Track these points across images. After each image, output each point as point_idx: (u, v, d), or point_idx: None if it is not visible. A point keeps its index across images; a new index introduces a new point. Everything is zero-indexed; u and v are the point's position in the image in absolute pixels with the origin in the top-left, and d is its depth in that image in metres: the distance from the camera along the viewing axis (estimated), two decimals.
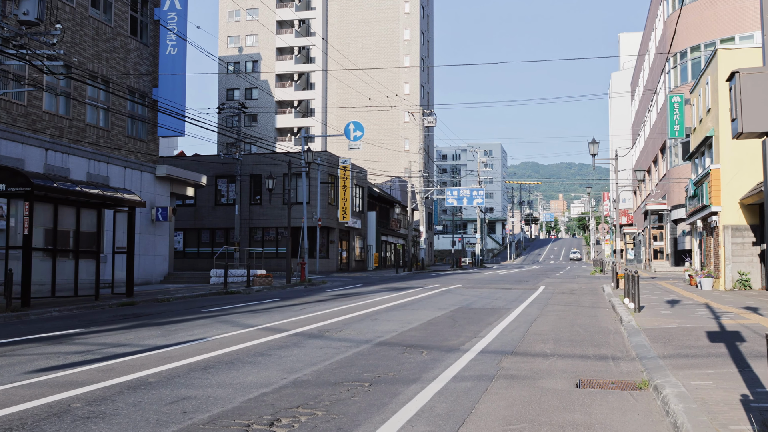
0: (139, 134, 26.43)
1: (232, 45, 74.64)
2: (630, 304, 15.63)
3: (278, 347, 9.82)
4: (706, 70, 24.24)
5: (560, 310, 15.92)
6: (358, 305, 17.34)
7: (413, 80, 71.67)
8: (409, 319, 13.72)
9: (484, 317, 14.21)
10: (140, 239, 26.11)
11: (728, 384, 6.62)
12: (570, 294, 21.93)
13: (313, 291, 24.13)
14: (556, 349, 9.64)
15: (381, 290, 23.95)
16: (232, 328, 12.32)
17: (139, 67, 26.23)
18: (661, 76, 43.43)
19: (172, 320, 13.86)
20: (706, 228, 24.52)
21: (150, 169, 26.74)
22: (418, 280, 32.93)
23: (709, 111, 23.62)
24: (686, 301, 17.33)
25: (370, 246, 50.00)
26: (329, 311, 15.61)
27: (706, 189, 22.82)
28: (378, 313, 15.20)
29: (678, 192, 39.25)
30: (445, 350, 9.56)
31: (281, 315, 14.77)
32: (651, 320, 12.57)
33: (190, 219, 43.92)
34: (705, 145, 24.31)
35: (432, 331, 11.86)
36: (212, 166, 42.91)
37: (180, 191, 28.88)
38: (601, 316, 14.74)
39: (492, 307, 16.93)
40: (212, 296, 21.79)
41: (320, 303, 18.25)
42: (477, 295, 21.44)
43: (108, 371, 7.88)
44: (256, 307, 17.00)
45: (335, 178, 43.34)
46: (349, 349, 9.67)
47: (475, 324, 12.90)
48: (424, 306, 17.02)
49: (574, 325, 12.69)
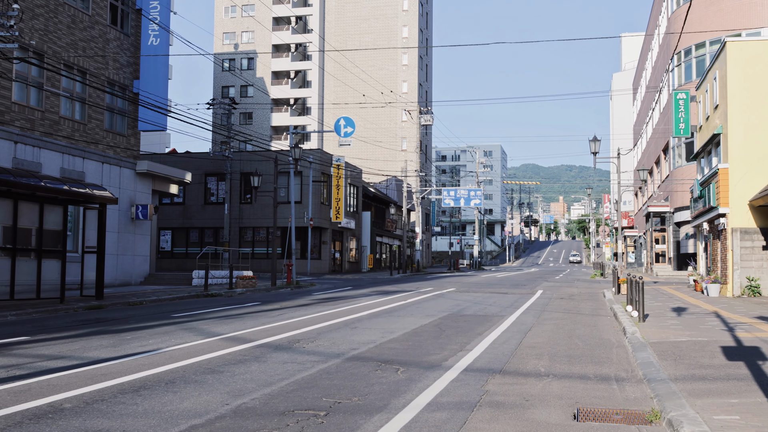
0: (118, 128, 25.23)
1: (227, 42, 73.43)
2: (633, 313, 14.44)
3: (235, 362, 8.62)
4: (714, 65, 23.05)
5: (558, 318, 14.73)
6: (341, 311, 16.15)
7: (411, 79, 70.48)
8: (392, 328, 12.53)
9: (474, 326, 13.01)
10: (119, 238, 24.92)
11: (761, 420, 5.41)
12: (569, 300, 20.74)
13: (299, 294, 22.94)
14: (551, 367, 8.44)
15: (370, 294, 22.76)
16: (194, 337, 11.13)
17: (119, 58, 25.04)
18: (665, 74, 42.25)
19: (133, 327, 12.67)
20: (713, 231, 23.31)
21: (130, 164, 25.54)
22: (412, 283, 31.73)
23: (717, 107, 22.43)
24: (693, 309, 16.14)
25: (365, 247, 48.73)
26: (308, 317, 14.43)
27: (713, 190, 21.62)
28: (360, 320, 14.00)
29: (681, 193, 38.05)
30: (425, 367, 8.37)
31: (255, 321, 13.58)
32: (657, 332, 11.38)
33: (178, 218, 42.70)
34: (712, 144, 23.11)
35: (414, 342, 10.67)
36: (202, 164, 41.69)
37: (163, 188, 27.67)
38: (602, 325, 13.55)
39: (484, 314, 15.73)
40: (190, 299, 20.59)
41: (301, 308, 17.07)
42: (470, 300, 20.24)
43: (21, 393, 6.68)
44: (231, 312, 15.81)
45: (328, 177, 42.08)
46: (315, 365, 8.48)
47: (463, 334, 11.71)
48: (412, 312, 15.83)
49: (572, 337, 11.49)
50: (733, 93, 20.89)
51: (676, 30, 39.70)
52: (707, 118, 24.27)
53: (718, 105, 22.32)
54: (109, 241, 24.35)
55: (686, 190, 36.99)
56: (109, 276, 24.36)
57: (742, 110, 20.73)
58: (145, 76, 25.72)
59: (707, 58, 36.14)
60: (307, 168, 39.88)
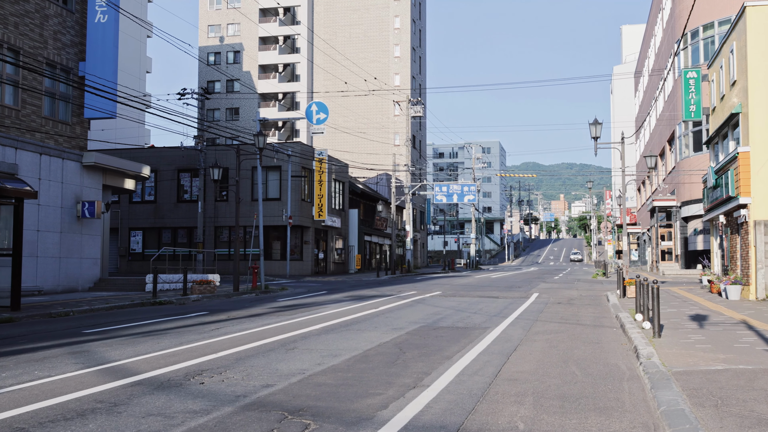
0: (61, 115, 22.51)
1: (212, 34, 70.63)
2: (645, 324, 11.72)
3: (74, 415, 5.91)
4: (731, 36, 20.31)
5: (552, 332, 12.00)
6: (292, 323, 13.44)
7: (404, 71, 67.70)
8: (340, 349, 9.82)
9: (445, 345, 10.30)
10: (62, 239, 22.21)
11: None
12: (567, 305, 18.01)
13: (261, 301, 20.22)
14: (534, 421, 5.73)
15: (342, 300, 20.04)
16: (71, 366, 8.43)
17: (60, 37, 22.32)
18: (670, 59, 39.47)
19: (12, 350, 9.97)
20: (731, 224, 20.57)
21: (75, 156, 22.82)
22: (396, 285, 28.99)
23: (735, 84, 19.69)
24: (716, 317, 13.42)
25: (352, 247, 45.91)
26: (244, 333, 11.72)
27: (732, 177, 18.88)
28: (306, 337, 11.28)
29: (689, 186, 35.31)
30: (348, 423, 5.65)
31: (174, 340, 10.87)
32: (681, 354, 8.66)
33: (150, 217, 39.92)
34: (729, 126, 20.37)
35: (356, 373, 7.95)
36: (174, 159, 38.93)
37: (116, 184, 24.94)
38: (608, 341, 10.82)
39: (464, 325, 13.02)
40: (131, 308, 17.88)
41: (249, 319, 14.35)
42: (453, 306, 17.51)
43: None
44: (159, 327, 13.09)
45: (310, 172, 39.27)
46: (189, 419, 5.78)
47: (426, 358, 8.99)
48: (377, 325, 13.10)
49: (568, 361, 8.77)
50: (755, 65, 18.16)
51: (681, 11, 36.95)
52: (722, 97, 21.53)
53: (735, 81, 19.58)
54: (50, 242, 21.66)
55: (694, 182, 34.23)
56: (49, 282, 21.68)
57: (765, 85, 17.99)
58: (93, 57, 23.01)
59: (716, 40, 33.41)
60: (285, 162, 37.08)
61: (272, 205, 37.77)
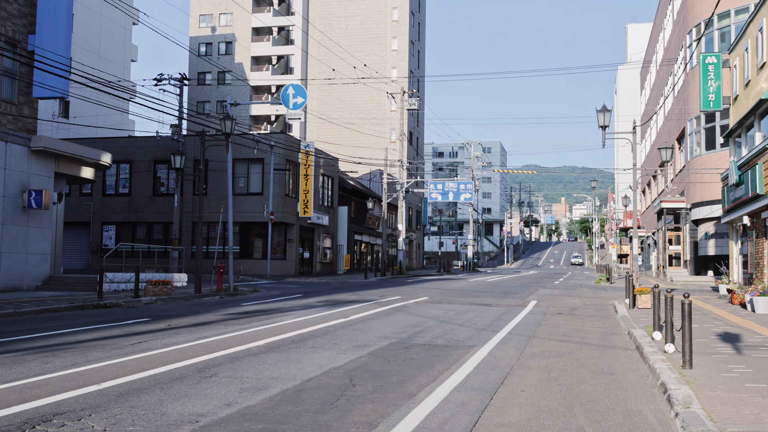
0: (5, 94, 20.13)
1: (204, 24, 68.22)
2: (668, 347, 9.34)
3: None
4: (757, 14, 17.91)
5: (552, 355, 9.61)
6: (237, 336, 11.06)
7: (401, 65, 65.30)
8: (271, 379, 7.44)
9: (412, 374, 7.90)
10: (4, 232, 19.84)
11: None
12: (569, 316, 15.62)
13: (223, 305, 17.84)
14: None
15: (314, 305, 17.65)
16: None
17: (6, 6, 19.95)
18: (681, 51, 37.09)
19: None
20: (757, 226, 18.16)
21: (21, 140, 20.44)
22: (382, 289, 26.61)
23: (763, 67, 17.30)
24: (750, 337, 11.04)
25: (341, 246, 43.46)
26: (167, 351, 9.35)
27: (760, 172, 16.48)
28: (237, 358, 8.89)
29: (700, 186, 32.92)
30: None
31: (69, 360, 8.51)
32: (730, 399, 6.26)
33: (124, 211, 37.47)
34: (755, 115, 17.97)
35: (272, 423, 5.56)
36: (150, 149, 36.51)
37: (72, 172, 22.54)
38: (623, 370, 8.42)
39: (445, 342, 10.64)
40: (68, 311, 15.53)
41: (189, 330, 11.98)
42: (437, 316, 15.12)
43: None
44: (71, 338, 10.74)
45: (295, 165, 36.82)
46: None
47: (379, 397, 6.59)
48: (336, 341, 10.71)
49: (573, 406, 6.38)
50: None
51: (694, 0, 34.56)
52: (747, 84, 19.13)
53: (765, 63, 17.18)
54: None
55: (706, 182, 31.83)
56: None
57: None
58: (43, 30, 20.64)
59: (732, 30, 31.03)
60: (268, 154, 34.66)
61: (253, 200, 35.37)
